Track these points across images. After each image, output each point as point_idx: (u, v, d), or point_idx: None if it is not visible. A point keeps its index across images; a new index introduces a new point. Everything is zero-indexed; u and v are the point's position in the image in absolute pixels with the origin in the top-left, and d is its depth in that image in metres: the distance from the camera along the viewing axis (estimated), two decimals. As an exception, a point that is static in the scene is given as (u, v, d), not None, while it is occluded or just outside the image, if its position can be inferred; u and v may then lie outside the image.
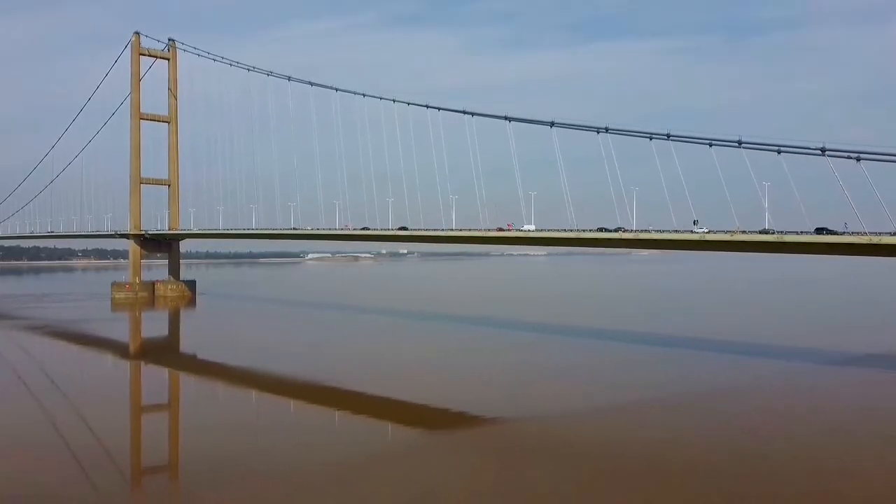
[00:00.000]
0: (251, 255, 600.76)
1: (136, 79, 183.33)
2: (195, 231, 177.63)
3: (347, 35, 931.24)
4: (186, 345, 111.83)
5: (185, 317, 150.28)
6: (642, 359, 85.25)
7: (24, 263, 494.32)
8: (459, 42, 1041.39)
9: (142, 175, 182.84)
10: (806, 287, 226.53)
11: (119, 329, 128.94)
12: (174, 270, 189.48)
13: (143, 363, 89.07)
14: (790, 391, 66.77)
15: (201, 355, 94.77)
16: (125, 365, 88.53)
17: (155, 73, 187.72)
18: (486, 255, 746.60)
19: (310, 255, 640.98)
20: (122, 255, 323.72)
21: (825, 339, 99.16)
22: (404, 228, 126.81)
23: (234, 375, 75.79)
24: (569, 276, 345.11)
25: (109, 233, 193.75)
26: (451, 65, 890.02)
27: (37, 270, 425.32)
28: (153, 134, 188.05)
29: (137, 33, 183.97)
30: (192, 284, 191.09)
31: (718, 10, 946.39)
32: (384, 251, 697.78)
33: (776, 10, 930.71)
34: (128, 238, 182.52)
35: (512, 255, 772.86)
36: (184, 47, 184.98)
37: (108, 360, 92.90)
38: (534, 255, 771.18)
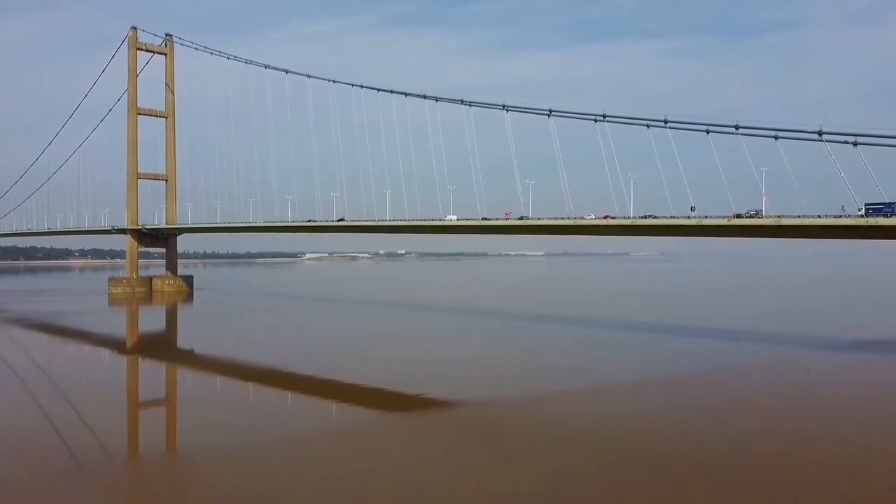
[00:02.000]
0: (249, 255, 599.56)
1: (134, 73, 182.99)
2: (192, 225, 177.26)
3: (345, 36, 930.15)
4: (184, 339, 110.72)
5: (183, 311, 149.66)
6: (650, 344, 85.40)
7: (21, 263, 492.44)
8: (458, 43, 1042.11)
9: (139, 170, 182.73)
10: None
11: (117, 323, 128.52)
12: (171, 266, 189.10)
13: (140, 357, 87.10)
14: (789, 371, 66.94)
15: (199, 350, 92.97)
16: (122, 359, 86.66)
17: (153, 72, 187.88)
18: (484, 255, 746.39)
19: (307, 255, 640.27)
20: (120, 255, 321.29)
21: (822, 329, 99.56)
22: (342, 220, 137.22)
23: (231, 369, 74.57)
24: (570, 277, 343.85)
25: (107, 228, 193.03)
26: (449, 66, 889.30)
27: (34, 270, 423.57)
28: (151, 132, 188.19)
29: (134, 28, 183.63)
30: (189, 280, 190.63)
31: (717, 11, 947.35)
32: (381, 251, 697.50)
33: (774, 12, 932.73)
34: (125, 233, 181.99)
35: (509, 255, 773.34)
36: (181, 42, 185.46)
37: (105, 354, 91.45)
38: (532, 255, 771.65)
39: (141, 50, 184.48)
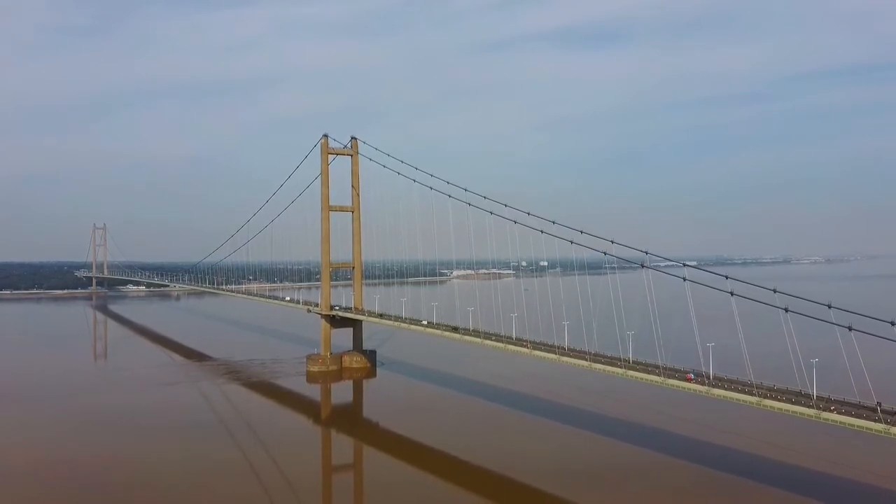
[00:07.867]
0: (401, 275, 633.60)
1: (326, 176, 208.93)
2: (374, 319, 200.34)
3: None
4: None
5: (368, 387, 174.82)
6: None
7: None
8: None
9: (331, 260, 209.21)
10: None
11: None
12: (358, 343, 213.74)
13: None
14: None
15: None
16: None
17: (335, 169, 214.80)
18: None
19: (454, 273, 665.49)
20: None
21: None
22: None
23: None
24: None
25: (302, 306, 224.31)
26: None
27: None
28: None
29: (326, 136, 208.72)
30: (372, 356, 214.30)
31: None
32: (524, 263, 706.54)
33: None
34: (320, 315, 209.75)
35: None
36: (364, 145, 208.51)
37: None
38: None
39: (331, 153, 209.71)
